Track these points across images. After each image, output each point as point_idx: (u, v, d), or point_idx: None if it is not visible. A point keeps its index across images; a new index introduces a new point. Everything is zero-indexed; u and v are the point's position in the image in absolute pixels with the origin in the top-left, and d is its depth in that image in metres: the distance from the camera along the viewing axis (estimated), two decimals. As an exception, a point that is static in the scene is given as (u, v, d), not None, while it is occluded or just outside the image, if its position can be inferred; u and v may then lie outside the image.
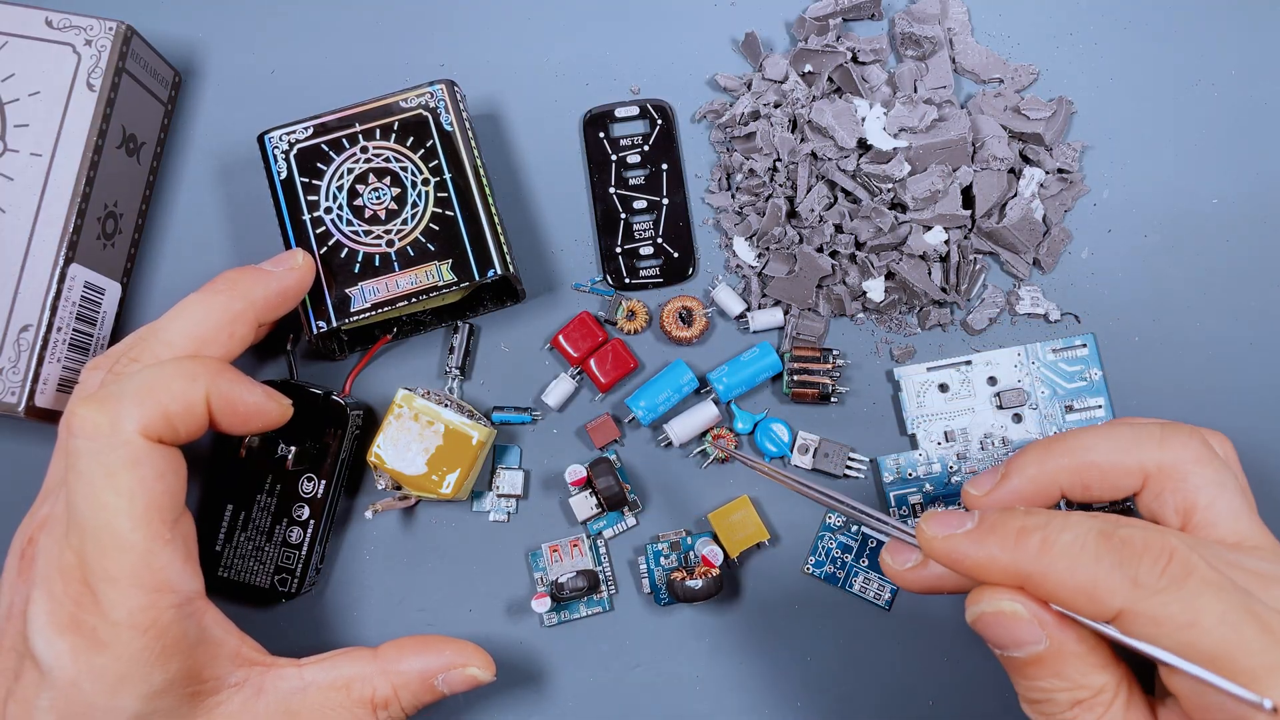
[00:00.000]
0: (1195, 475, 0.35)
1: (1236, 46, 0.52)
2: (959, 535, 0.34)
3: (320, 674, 0.40)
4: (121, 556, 0.36)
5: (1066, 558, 0.31)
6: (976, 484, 0.39)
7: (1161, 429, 0.36)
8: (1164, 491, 0.35)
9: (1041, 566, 0.32)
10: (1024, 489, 0.37)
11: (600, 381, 0.49)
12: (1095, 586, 0.31)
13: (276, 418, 0.42)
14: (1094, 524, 0.32)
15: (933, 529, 0.35)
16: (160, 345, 0.41)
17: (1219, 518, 0.34)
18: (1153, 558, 0.30)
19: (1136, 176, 0.51)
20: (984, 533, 0.33)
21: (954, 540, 0.34)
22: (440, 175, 0.47)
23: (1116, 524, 0.32)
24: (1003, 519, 0.33)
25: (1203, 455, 0.35)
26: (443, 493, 0.45)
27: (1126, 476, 0.36)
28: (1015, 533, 0.33)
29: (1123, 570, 0.31)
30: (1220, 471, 0.35)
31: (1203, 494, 0.35)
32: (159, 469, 0.37)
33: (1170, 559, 0.30)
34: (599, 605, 0.48)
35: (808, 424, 0.49)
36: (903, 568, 0.38)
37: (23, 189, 0.46)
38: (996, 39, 0.53)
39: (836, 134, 0.48)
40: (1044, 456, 0.37)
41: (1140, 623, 0.30)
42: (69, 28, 0.47)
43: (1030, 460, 0.37)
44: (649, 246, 0.50)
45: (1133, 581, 0.30)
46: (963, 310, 0.50)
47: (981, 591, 0.34)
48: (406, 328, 0.50)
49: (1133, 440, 0.36)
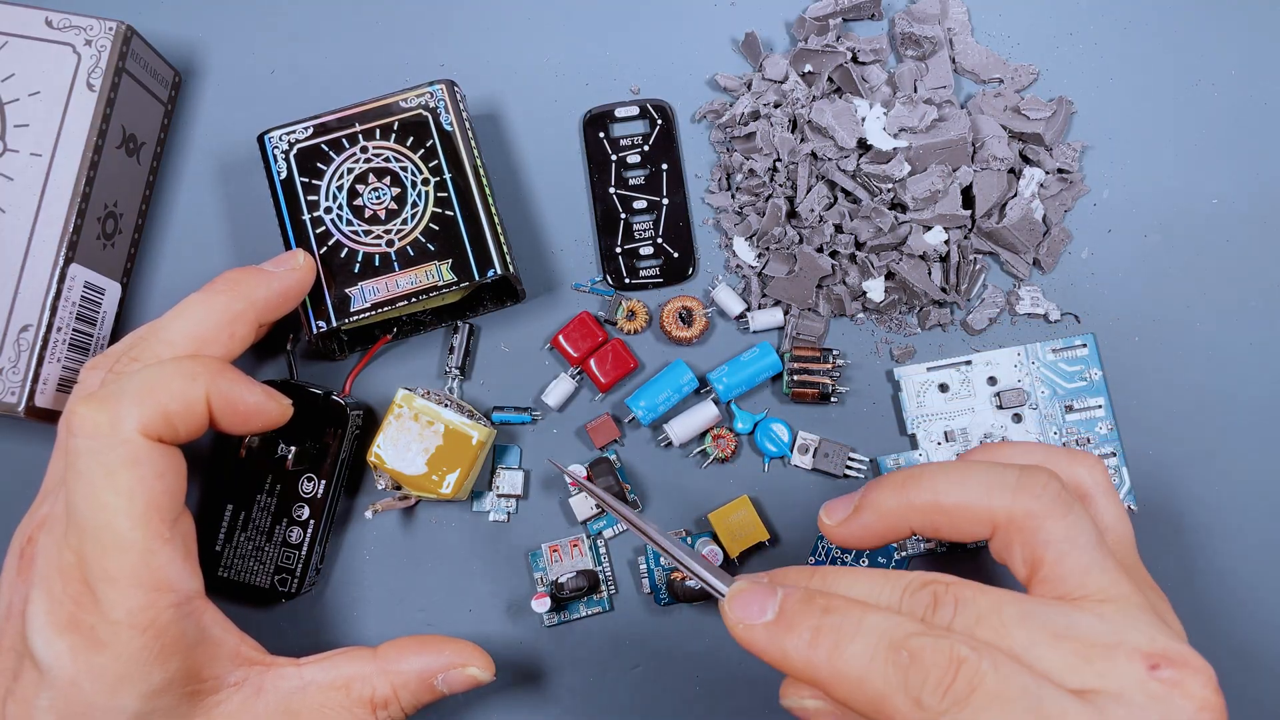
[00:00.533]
0: (1044, 530, 0.33)
1: (1236, 46, 0.52)
2: (758, 627, 0.33)
3: (320, 673, 0.40)
4: (121, 556, 0.36)
5: (855, 668, 0.30)
6: (830, 511, 0.38)
7: (1018, 475, 0.34)
8: (1013, 543, 0.34)
9: (830, 675, 0.31)
10: (875, 525, 0.37)
11: (600, 381, 0.49)
12: (881, 704, 0.30)
13: (277, 418, 0.42)
14: (887, 632, 0.31)
15: (735, 612, 0.33)
16: (161, 345, 0.41)
17: (1067, 572, 0.33)
18: (938, 676, 0.29)
19: (1136, 176, 0.51)
20: (781, 629, 0.32)
21: (754, 632, 0.33)
22: (440, 175, 0.47)
23: (913, 626, 0.31)
24: (800, 615, 0.32)
25: (1055, 507, 0.33)
26: (443, 493, 0.45)
27: (975, 524, 0.35)
28: (810, 633, 0.31)
29: (906, 692, 0.29)
30: (1075, 524, 0.33)
31: (1051, 549, 0.33)
32: (159, 468, 0.37)
33: (956, 675, 0.29)
34: (599, 605, 0.48)
35: (808, 424, 0.49)
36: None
37: (23, 189, 0.46)
38: (996, 39, 0.53)
39: (836, 134, 0.48)
40: (898, 493, 0.36)
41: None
42: (69, 28, 0.47)
43: (885, 495, 0.36)
44: (649, 246, 0.50)
45: (915, 703, 0.29)
46: (963, 310, 0.50)
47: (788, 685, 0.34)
48: (406, 328, 0.50)
49: (984, 486, 0.34)
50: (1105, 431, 0.49)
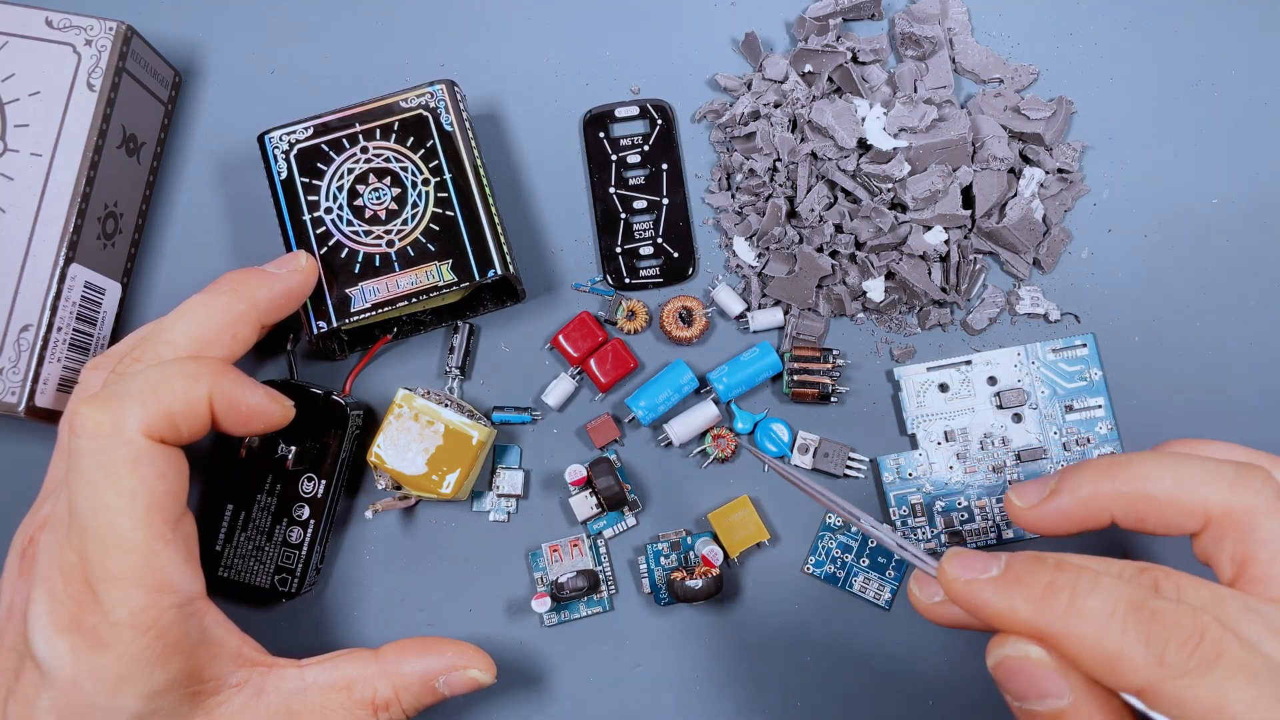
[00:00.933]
0: (1261, 528, 0.32)
1: (1236, 46, 0.52)
2: (982, 581, 0.32)
3: (321, 675, 0.40)
4: (123, 556, 0.36)
5: (1092, 624, 0.30)
6: (1022, 494, 0.36)
7: (1235, 470, 0.33)
8: (1224, 538, 0.33)
9: (1065, 629, 0.30)
10: (1072, 510, 0.35)
11: (600, 381, 0.49)
12: (1119, 659, 0.29)
13: (278, 419, 0.42)
14: (1125, 591, 0.30)
15: (955, 570, 0.33)
16: (163, 345, 0.41)
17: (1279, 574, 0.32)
18: (1182, 636, 0.29)
19: (1136, 176, 0.51)
20: (1009, 582, 0.32)
21: (976, 586, 0.32)
22: (440, 175, 0.47)
23: (1149, 592, 0.30)
24: (1031, 570, 0.32)
25: (1275, 505, 0.33)
26: (443, 493, 0.45)
27: (1186, 517, 0.34)
28: (1043, 587, 0.31)
29: (1149, 647, 0.29)
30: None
31: (1266, 548, 0.32)
32: (161, 469, 0.37)
33: (1201, 639, 0.29)
34: (599, 605, 0.48)
35: (808, 424, 0.49)
36: (930, 601, 0.36)
37: (23, 189, 0.46)
38: (996, 39, 0.53)
39: (836, 134, 0.48)
40: (1100, 478, 0.35)
41: (1164, 703, 0.29)
42: (69, 28, 0.47)
43: (1084, 480, 0.35)
44: (649, 246, 0.50)
45: (1159, 660, 0.29)
46: (963, 310, 0.50)
47: (1002, 639, 0.32)
48: (406, 328, 0.50)
49: (1200, 478, 0.34)
50: (1105, 431, 0.49)
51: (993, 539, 0.48)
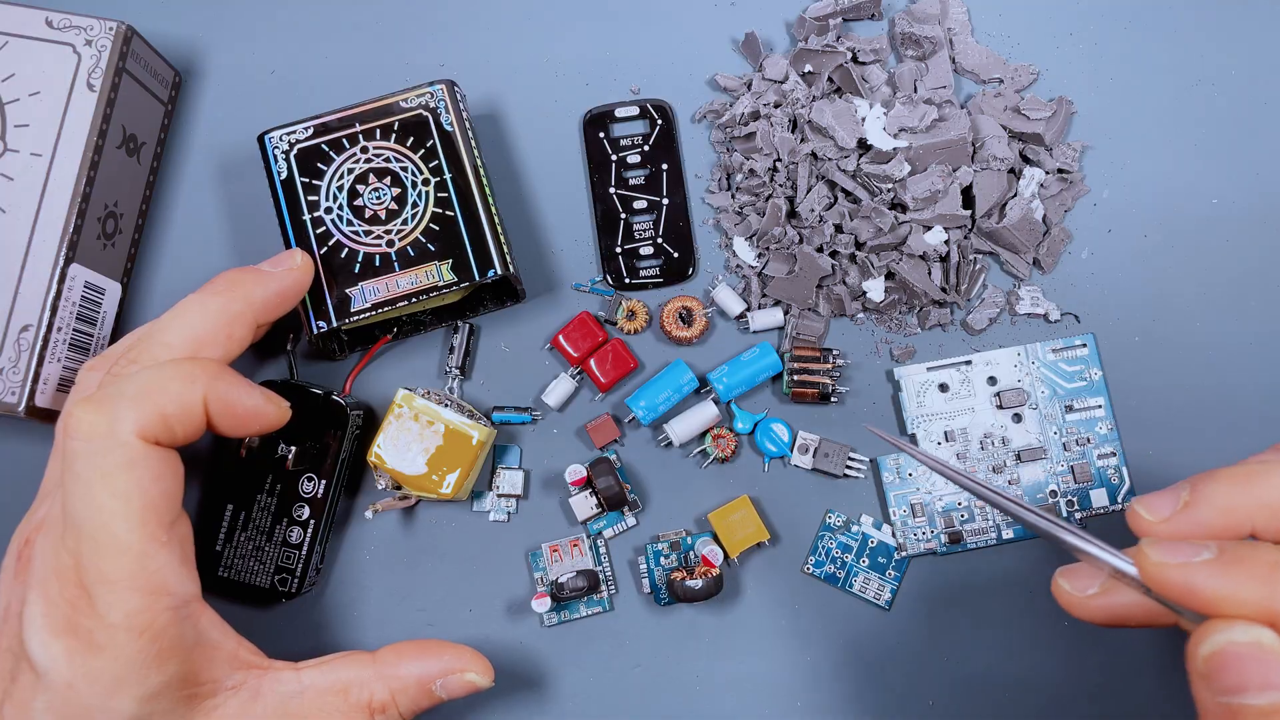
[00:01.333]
0: None
1: (1236, 46, 0.52)
2: (1196, 564, 0.30)
3: (318, 678, 0.40)
4: (118, 559, 0.36)
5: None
6: (1152, 508, 0.33)
7: None
8: None
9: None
10: (1211, 521, 0.32)
11: (600, 381, 0.49)
12: None
13: (275, 420, 0.42)
14: None
15: (1161, 554, 0.30)
16: (158, 347, 0.40)
17: None
18: None
19: (1136, 176, 0.51)
20: (1228, 563, 0.30)
21: (1190, 570, 0.30)
22: (440, 175, 0.47)
23: None
24: (1252, 552, 0.30)
25: None
26: (443, 493, 0.45)
27: None
28: (1268, 567, 0.29)
29: None
30: None
31: None
32: (156, 471, 0.37)
33: None
34: (599, 605, 0.48)
35: (808, 424, 0.49)
36: (1083, 594, 0.34)
37: (23, 189, 0.46)
38: (996, 39, 0.53)
39: (836, 134, 0.48)
40: (1240, 488, 0.32)
41: None
42: (69, 28, 0.47)
43: (1221, 490, 0.33)
44: (649, 246, 0.50)
45: None
46: (963, 310, 0.50)
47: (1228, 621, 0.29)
48: (406, 328, 0.50)
49: None
50: (1105, 431, 0.49)
51: (992, 539, 0.48)
